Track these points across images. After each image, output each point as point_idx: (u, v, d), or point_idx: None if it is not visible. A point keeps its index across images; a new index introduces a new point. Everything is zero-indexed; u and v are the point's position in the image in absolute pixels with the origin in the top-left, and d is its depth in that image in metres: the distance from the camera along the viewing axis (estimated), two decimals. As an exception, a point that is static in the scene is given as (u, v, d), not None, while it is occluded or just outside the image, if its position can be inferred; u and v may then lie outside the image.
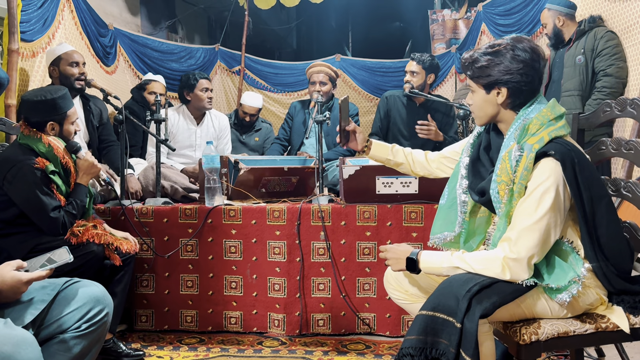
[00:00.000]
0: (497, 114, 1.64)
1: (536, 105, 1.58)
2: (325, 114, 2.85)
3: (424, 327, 1.46)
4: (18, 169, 2.15)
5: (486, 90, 1.61)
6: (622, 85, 3.17)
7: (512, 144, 1.56)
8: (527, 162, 1.50)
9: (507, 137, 1.60)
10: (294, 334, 2.62)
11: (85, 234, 2.21)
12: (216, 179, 2.67)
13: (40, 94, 2.24)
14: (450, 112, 3.58)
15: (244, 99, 4.41)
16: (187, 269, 2.69)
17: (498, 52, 1.57)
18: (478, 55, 1.60)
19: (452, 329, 1.43)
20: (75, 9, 3.93)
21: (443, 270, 1.59)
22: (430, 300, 1.50)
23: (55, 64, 3.05)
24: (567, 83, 3.37)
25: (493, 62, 1.57)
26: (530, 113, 1.57)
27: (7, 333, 1.34)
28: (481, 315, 1.43)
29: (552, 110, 1.57)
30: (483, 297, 1.46)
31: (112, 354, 2.32)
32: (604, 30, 3.25)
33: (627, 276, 1.56)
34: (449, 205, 1.80)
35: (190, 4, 7.75)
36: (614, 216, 1.57)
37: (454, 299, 1.45)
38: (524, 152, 1.51)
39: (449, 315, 1.45)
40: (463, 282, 1.49)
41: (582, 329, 1.54)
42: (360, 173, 2.57)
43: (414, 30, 10.38)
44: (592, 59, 3.25)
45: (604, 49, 3.19)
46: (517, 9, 4.50)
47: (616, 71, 3.16)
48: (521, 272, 1.49)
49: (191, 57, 5.59)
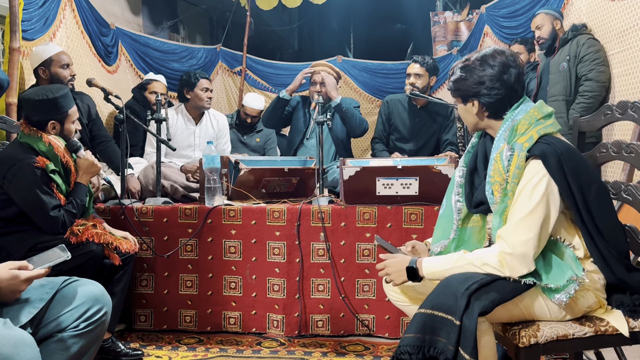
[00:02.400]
0: (479, 122, 1.71)
1: (522, 107, 1.63)
2: (326, 115, 2.84)
3: (422, 325, 1.46)
4: (18, 168, 2.15)
5: (463, 102, 1.71)
6: (604, 89, 3.28)
7: (502, 145, 1.60)
8: (518, 160, 1.54)
9: (496, 139, 1.64)
10: (292, 335, 2.62)
11: (85, 233, 2.21)
12: (216, 179, 2.67)
13: (41, 92, 2.24)
14: (450, 115, 3.58)
15: (246, 101, 4.41)
16: (186, 269, 2.69)
17: (466, 67, 1.67)
18: (455, 69, 1.69)
19: (450, 327, 1.43)
20: (77, 8, 3.93)
21: (446, 272, 1.59)
22: (428, 299, 1.51)
23: (46, 65, 3.02)
24: (553, 89, 3.48)
25: (462, 77, 1.67)
26: (517, 115, 1.61)
27: (6, 334, 1.34)
28: (480, 312, 1.43)
29: (539, 110, 1.61)
30: (482, 295, 1.46)
31: (110, 353, 2.32)
32: (586, 37, 3.37)
33: (626, 262, 1.57)
34: (446, 214, 1.83)
35: (192, 4, 7.75)
36: (607, 201, 1.59)
37: (453, 297, 1.45)
38: (515, 152, 1.55)
39: (447, 313, 1.44)
40: (462, 281, 1.50)
41: (581, 332, 1.54)
42: (361, 174, 2.57)
43: (415, 32, 10.40)
44: (575, 65, 3.37)
45: (585, 55, 3.31)
46: (521, 11, 4.49)
47: (596, 75, 3.26)
48: (518, 266, 1.51)
49: (193, 57, 5.59)
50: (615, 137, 3.20)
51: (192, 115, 3.58)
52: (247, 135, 4.43)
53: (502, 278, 1.54)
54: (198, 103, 3.52)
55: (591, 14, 3.55)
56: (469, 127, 1.75)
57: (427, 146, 3.59)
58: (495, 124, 1.67)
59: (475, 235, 1.76)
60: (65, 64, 3.04)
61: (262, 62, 5.96)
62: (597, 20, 3.48)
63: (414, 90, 3.40)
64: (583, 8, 3.65)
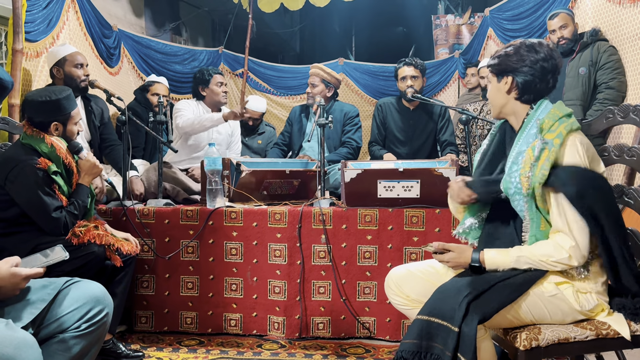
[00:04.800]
0: (506, 104, 1.73)
1: (543, 107, 1.68)
2: (327, 117, 2.85)
3: (419, 331, 1.49)
4: (20, 169, 2.15)
5: (497, 78, 1.74)
6: (621, 98, 3.29)
7: (532, 141, 1.63)
8: (549, 154, 1.57)
9: (525, 134, 1.67)
10: (293, 337, 2.61)
11: (86, 234, 2.21)
12: (218, 180, 2.67)
13: (44, 94, 2.25)
14: (445, 115, 3.57)
15: (249, 103, 4.42)
16: (187, 271, 2.69)
17: (514, 45, 1.71)
18: (500, 50, 1.75)
19: (447, 333, 1.45)
20: (80, 10, 3.95)
21: (508, 267, 1.62)
22: (427, 305, 1.54)
23: (60, 64, 3.05)
24: (569, 93, 3.45)
25: (507, 53, 1.71)
26: (540, 114, 1.66)
27: (8, 335, 1.34)
28: (480, 320, 1.44)
29: (559, 109, 1.65)
30: (481, 303, 1.48)
31: (111, 354, 2.32)
32: (606, 44, 3.36)
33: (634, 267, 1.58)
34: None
35: (194, 7, 7.77)
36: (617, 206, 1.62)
37: (450, 304, 1.48)
38: (546, 146, 1.58)
39: (443, 320, 1.47)
40: (459, 289, 1.52)
41: (582, 335, 1.54)
42: (362, 177, 2.57)
43: (417, 35, 10.41)
44: (594, 72, 3.36)
45: (606, 63, 3.31)
46: (526, 14, 4.47)
47: (618, 85, 3.27)
48: (581, 257, 1.55)
49: (195, 59, 5.60)
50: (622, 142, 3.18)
51: (212, 111, 3.57)
52: (250, 137, 4.44)
53: (500, 280, 1.54)
54: (215, 98, 3.53)
55: (597, 17, 3.53)
56: (493, 111, 1.79)
57: (424, 148, 3.57)
58: (520, 109, 1.71)
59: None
60: (79, 64, 3.06)
61: (264, 64, 5.97)
62: (603, 24, 3.46)
63: (415, 93, 3.38)
64: (589, 11, 3.63)
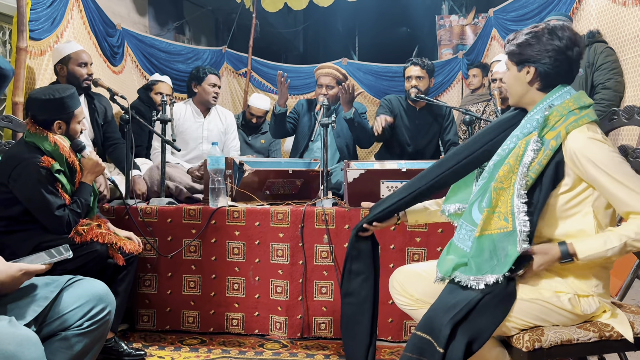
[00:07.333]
0: (525, 94, 1.66)
1: (562, 94, 1.60)
2: (331, 117, 2.85)
3: (412, 345, 1.52)
4: (23, 167, 2.15)
5: (517, 68, 1.65)
6: (618, 98, 3.30)
7: (531, 131, 1.57)
8: (542, 157, 1.53)
9: (528, 117, 1.61)
10: (295, 337, 2.61)
11: (89, 233, 2.21)
12: (220, 180, 2.67)
13: (48, 92, 2.25)
14: (449, 116, 3.57)
15: (252, 101, 4.42)
16: (189, 270, 2.69)
17: (535, 32, 1.62)
18: (519, 35, 1.66)
19: (433, 350, 1.46)
20: (84, 9, 3.95)
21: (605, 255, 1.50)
22: (422, 319, 1.55)
23: (64, 62, 3.06)
24: None
25: (528, 42, 1.61)
26: (554, 100, 1.59)
27: (11, 332, 1.35)
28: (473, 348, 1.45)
29: (576, 101, 1.57)
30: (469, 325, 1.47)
31: (113, 353, 2.32)
32: (603, 46, 3.37)
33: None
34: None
35: (198, 6, 7.77)
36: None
37: (437, 322, 1.49)
38: (542, 147, 1.54)
39: (430, 336, 1.49)
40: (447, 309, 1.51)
41: (585, 337, 1.53)
42: (365, 177, 2.57)
43: (421, 36, 10.41)
44: (591, 73, 3.37)
45: (603, 64, 3.31)
46: (529, 15, 4.46)
47: (615, 85, 3.28)
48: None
49: (198, 58, 5.61)
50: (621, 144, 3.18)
51: (200, 109, 3.59)
52: (252, 136, 4.44)
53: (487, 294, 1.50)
54: (204, 97, 3.53)
55: (601, 19, 3.53)
56: (511, 99, 1.71)
57: (428, 148, 3.57)
58: (539, 98, 1.63)
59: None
60: (83, 63, 3.06)
61: (267, 64, 5.97)
62: (607, 25, 3.46)
63: (418, 94, 3.37)
64: (593, 12, 3.62)
